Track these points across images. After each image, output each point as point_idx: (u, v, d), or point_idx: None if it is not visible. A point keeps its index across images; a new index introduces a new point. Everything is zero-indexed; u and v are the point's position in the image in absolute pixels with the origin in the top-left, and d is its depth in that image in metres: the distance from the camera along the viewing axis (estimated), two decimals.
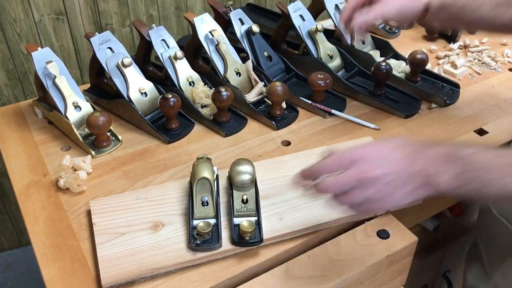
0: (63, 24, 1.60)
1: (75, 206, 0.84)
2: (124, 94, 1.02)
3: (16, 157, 0.96)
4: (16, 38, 1.55)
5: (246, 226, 0.72)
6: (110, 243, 0.74)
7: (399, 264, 0.78)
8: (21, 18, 1.52)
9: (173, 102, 0.96)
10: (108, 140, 0.98)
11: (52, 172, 0.92)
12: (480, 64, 1.27)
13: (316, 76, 1.04)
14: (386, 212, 0.80)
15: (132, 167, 0.93)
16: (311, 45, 1.17)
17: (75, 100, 0.99)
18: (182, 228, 0.76)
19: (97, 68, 1.09)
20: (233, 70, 1.09)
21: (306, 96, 1.09)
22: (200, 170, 0.78)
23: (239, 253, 0.74)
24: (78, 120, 0.99)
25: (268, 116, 1.04)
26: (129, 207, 0.80)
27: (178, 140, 1.00)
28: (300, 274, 0.71)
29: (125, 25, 1.70)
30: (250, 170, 0.80)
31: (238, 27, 1.14)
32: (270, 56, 1.16)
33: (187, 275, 0.71)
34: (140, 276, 0.69)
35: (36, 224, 0.81)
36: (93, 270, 0.72)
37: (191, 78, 1.08)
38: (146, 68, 1.14)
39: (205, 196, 0.77)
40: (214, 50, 1.09)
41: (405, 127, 1.03)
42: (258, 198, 0.78)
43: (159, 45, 1.06)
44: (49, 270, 0.73)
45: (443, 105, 1.09)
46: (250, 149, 0.97)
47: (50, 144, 1.00)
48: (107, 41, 1.02)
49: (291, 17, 1.16)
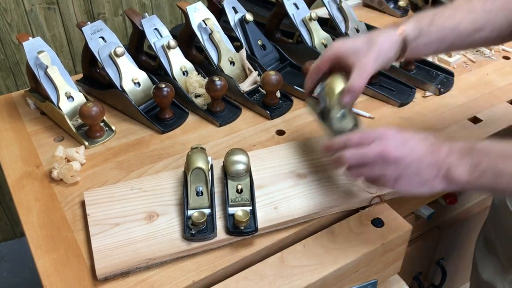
0: (54, 13, 1.58)
1: (69, 197, 0.84)
2: (117, 84, 1.01)
3: (9, 148, 0.96)
4: (7, 28, 1.53)
5: (241, 216, 0.72)
6: (105, 234, 0.73)
7: (394, 252, 0.78)
8: (12, 7, 1.50)
9: (166, 92, 0.96)
10: (101, 130, 0.97)
11: (45, 163, 0.91)
12: (474, 52, 1.27)
13: (311, 65, 1.04)
14: (381, 201, 0.81)
15: (126, 158, 0.93)
16: (305, 33, 1.17)
17: (67, 90, 0.98)
18: (176, 218, 0.76)
19: (89, 58, 1.08)
20: (227, 59, 1.09)
21: (301, 85, 1.09)
22: (194, 160, 0.78)
23: (234, 243, 0.74)
24: (71, 111, 0.98)
25: (262, 105, 1.04)
26: (123, 197, 0.80)
27: (172, 130, 1.00)
28: (295, 263, 0.71)
29: (117, 14, 1.69)
30: (245, 160, 0.80)
31: (231, 16, 1.13)
32: (264, 45, 1.15)
33: (182, 265, 0.71)
34: (135, 267, 0.69)
35: (30, 216, 0.80)
36: (87, 261, 0.72)
37: (185, 68, 1.07)
38: (139, 58, 1.13)
39: (199, 186, 0.77)
40: (207, 39, 1.08)
41: (399, 116, 1.03)
42: (252, 188, 0.78)
43: (152, 34, 1.05)
44: (43, 261, 0.72)
45: (437, 93, 1.09)
46: (245, 139, 0.97)
47: (43, 135, 0.99)
48: (100, 31, 1.01)
49: (285, 5, 1.15)
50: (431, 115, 1.03)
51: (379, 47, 0.75)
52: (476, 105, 1.06)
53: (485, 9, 0.78)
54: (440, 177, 0.64)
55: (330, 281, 0.72)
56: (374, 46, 0.75)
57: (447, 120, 1.01)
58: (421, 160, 0.65)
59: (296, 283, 0.68)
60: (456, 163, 0.63)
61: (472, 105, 1.06)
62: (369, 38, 0.77)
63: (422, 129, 0.99)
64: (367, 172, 0.67)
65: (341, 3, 1.21)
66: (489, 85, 1.13)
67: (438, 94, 1.09)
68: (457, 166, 0.63)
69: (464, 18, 0.78)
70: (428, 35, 0.77)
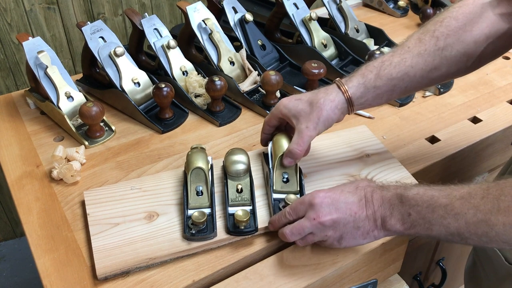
0: (54, 13, 1.58)
1: (68, 196, 0.84)
2: (117, 84, 1.01)
3: (9, 148, 0.96)
4: (7, 28, 1.53)
5: (241, 215, 0.72)
6: (105, 234, 0.73)
7: (394, 252, 0.78)
8: (12, 7, 1.50)
9: (166, 91, 0.96)
10: (101, 130, 0.97)
11: (45, 163, 0.91)
12: None
13: (310, 65, 1.04)
14: None
15: (126, 158, 0.93)
16: (305, 33, 1.17)
17: (67, 90, 0.98)
18: (176, 218, 0.76)
19: (89, 58, 1.08)
20: (227, 59, 1.09)
21: (300, 85, 1.09)
22: (194, 160, 0.78)
23: (234, 242, 0.74)
24: (70, 111, 0.98)
25: (262, 105, 1.04)
26: (123, 197, 0.80)
27: (172, 130, 1.00)
28: (295, 263, 0.71)
29: (117, 14, 1.69)
30: (245, 160, 0.80)
31: (231, 16, 1.13)
32: (264, 45, 1.15)
33: (182, 264, 0.71)
34: (135, 266, 0.69)
35: (30, 215, 0.80)
36: (87, 260, 0.72)
37: (185, 68, 1.07)
38: (139, 58, 1.13)
39: (199, 186, 0.77)
40: (207, 39, 1.08)
41: (399, 116, 1.03)
42: (252, 188, 0.78)
43: (152, 34, 1.05)
44: (43, 261, 0.72)
45: (437, 93, 1.09)
46: (245, 139, 0.97)
47: (43, 135, 0.99)
48: (99, 30, 1.01)
49: (285, 5, 1.15)
50: (431, 115, 1.03)
51: (320, 111, 0.74)
52: (476, 105, 1.06)
53: (438, 47, 0.74)
54: (378, 227, 0.66)
55: (330, 281, 0.72)
56: (315, 111, 0.74)
57: (447, 120, 1.01)
58: (356, 216, 0.66)
59: (296, 282, 0.69)
60: (388, 214, 0.65)
61: (472, 105, 1.06)
62: (311, 100, 0.75)
63: (422, 129, 0.99)
64: (310, 240, 0.70)
65: (340, 3, 1.21)
66: (489, 85, 1.13)
67: (438, 94, 1.09)
68: (390, 217, 0.65)
69: (415, 62, 0.74)
70: (376, 89, 0.75)
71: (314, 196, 0.68)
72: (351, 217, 0.66)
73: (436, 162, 0.91)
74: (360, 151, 0.89)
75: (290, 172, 0.79)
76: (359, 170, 0.85)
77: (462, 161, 0.97)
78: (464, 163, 0.99)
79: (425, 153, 0.93)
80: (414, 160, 0.91)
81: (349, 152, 0.89)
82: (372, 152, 0.89)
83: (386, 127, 1.00)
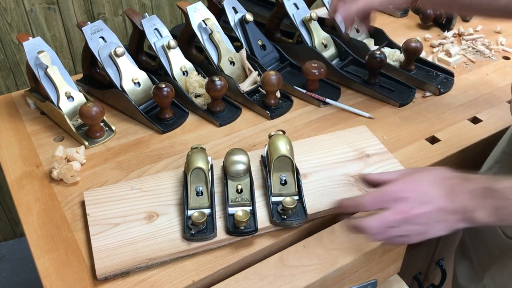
0: (54, 13, 1.58)
1: (68, 197, 0.84)
2: (117, 84, 1.01)
3: (9, 148, 0.96)
4: (7, 28, 1.53)
5: (241, 216, 0.72)
6: (105, 234, 0.73)
7: (393, 252, 0.78)
8: (12, 7, 1.50)
9: (166, 92, 0.96)
10: (101, 130, 0.97)
11: (45, 163, 0.91)
12: (474, 52, 1.27)
13: (311, 65, 1.04)
14: None
15: (126, 158, 0.93)
16: (305, 33, 1.17)
17: (67, 90, 0.98)
18: (176, 218, 0.76)
19: (89, 58, 1.08)
20: (227, 59, 1.09)
21: (301, 85, 1.09)
22: (194, 160, 0.78)
23: (234, 243, 0.74)
24: (71, 111, 0.98)
25: (262, 105, 1.04)
26: (123, 197, 0.80)
27: (172, 130, 1.00)
28: (295, 263, 0.71)
29: (117, 14, 1.69)
30: (245, 160, 0.80)
31: (231, 16, 1.13)
32: (264, 45, 1.15)
33: (182, 265, 0.71)
34: (135, 267, 0.69)
35: (29, 215, 0.80)
36: (87, 260, 0.72)
37: (185, 68, 1.07)
38: (139, 58, 1.13)
39: (199, 186, 0.77)
40: (207, 39, 1.08)
41: (399, 116, 1.03)
42: (252, 188, 0.78)
43: (152, 34, 1.05)
44: (43, 261, 0.72)
45: (437, 94, 1.09)
46: (245, 139, 0.97)
47: (43, 135, 0.99)
48: (100, 31, 1.01)
49: (285, 5, 1.15)
50: (431, 115, 1.03)
51: None
52: (476, 105, 1.06)
53: None
54: (465, 220, 0.64)
55: (330, 281, 0.72)
56: None
57: (447, 120, 1.01)
58: (444, 209, 0.64)
59: (296, 283, 0.68)
60: (477, 206, 0.63)
61: (472, 105, 1.06)
62: None
63: (422, 129, 0.99)
64: (388, 236, 0.66)
65: None
66: (489, 85, 1.13)
67: (438, 94, 1.09)
68: (478, 209, 0.63)
69: None
70: None
71: (401, 189, 0.66)
72: (441, 211, 0.64)
73: (436, 162, 0.91)
74: (360, 151, 0.89)
75: (287, 174, 0.78)
76: (359, 170, 0.85)
77: (462, 162, 0.97)
78: (464, 164, 0.99)
79: (425, 153, 0.93)
80: (414, 160, 0.91)
81: (349, 152, 0.89)
82: (372, 152, 0.89)
83: (386, 127, 1.00)
